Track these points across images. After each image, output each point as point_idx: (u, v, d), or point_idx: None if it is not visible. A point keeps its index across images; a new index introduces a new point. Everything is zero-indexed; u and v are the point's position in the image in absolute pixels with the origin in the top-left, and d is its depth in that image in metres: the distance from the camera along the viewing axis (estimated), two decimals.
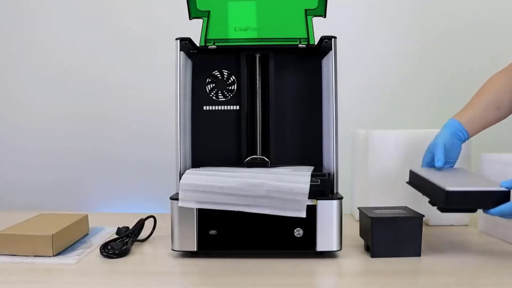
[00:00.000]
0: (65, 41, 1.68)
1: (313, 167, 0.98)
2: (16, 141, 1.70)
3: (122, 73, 1.67)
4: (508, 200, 0.84)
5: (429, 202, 0.94)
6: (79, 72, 1.68)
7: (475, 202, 0.86)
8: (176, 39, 0.96)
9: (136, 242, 1.01)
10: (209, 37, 1.04)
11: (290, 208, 0.86)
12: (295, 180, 0.87)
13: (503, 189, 0.84)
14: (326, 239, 0.89)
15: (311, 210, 0.88)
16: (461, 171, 1.01)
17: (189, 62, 1.04)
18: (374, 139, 1.19)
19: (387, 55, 1.65)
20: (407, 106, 1.63)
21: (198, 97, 1.06)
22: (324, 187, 0.89)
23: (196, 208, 0.89)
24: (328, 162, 0.96)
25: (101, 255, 0.92)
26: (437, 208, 0.90)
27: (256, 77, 1.06)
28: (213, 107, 1.07)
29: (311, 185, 0.86)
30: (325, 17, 1.03)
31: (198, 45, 1.03)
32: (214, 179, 0.88)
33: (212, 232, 0.89)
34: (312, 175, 0.89)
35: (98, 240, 1.03)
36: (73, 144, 1.68)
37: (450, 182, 0.88)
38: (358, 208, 0.99)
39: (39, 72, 1.69)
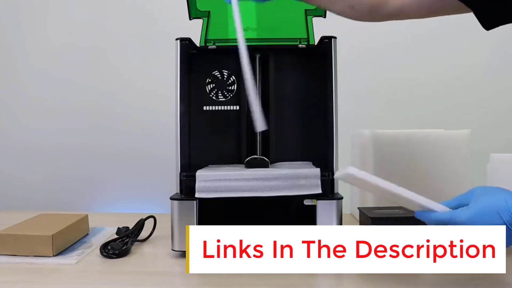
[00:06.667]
0: (65, 41, 1.68)
1: (310, 162, 1.00)
2: (16, 141, 1.70)
3: (121, 73, 1.67)
4: None
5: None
6: (79, 73, 1.68)
7: None
8: (176, 39, 0.96)
9: (136, 242, 1.01)
10: (209, 37, 1.04)
11: (306, 185, 0.88)
12: (304, 167, 0.90)
13: None
14: None
15: (311, 210, 0.88)
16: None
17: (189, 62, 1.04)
18: (374, 139, 1.19)
19: (387, 54, 1.65)
20: (407, 106, 1.63)
21: (198, 97, 1.06)
22: (324, 187, 0.89)
23: (196, 208, 0.89)
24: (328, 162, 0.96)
25: (101, 255, 0.92)
26: None
27: (256, 78, 1.05)
28: (213, 107, 1.07)
29: None
30: (325, 17, 1.03)
31: (198, 45, 1.03)
32: (228, 171, 0.90)
33: None
34: None
35: (98, 240, 1.03)
36: (73, 145, 1.68)
37: None
38: (358, 208, 0.99)
39: (38, 72, 1.69)
